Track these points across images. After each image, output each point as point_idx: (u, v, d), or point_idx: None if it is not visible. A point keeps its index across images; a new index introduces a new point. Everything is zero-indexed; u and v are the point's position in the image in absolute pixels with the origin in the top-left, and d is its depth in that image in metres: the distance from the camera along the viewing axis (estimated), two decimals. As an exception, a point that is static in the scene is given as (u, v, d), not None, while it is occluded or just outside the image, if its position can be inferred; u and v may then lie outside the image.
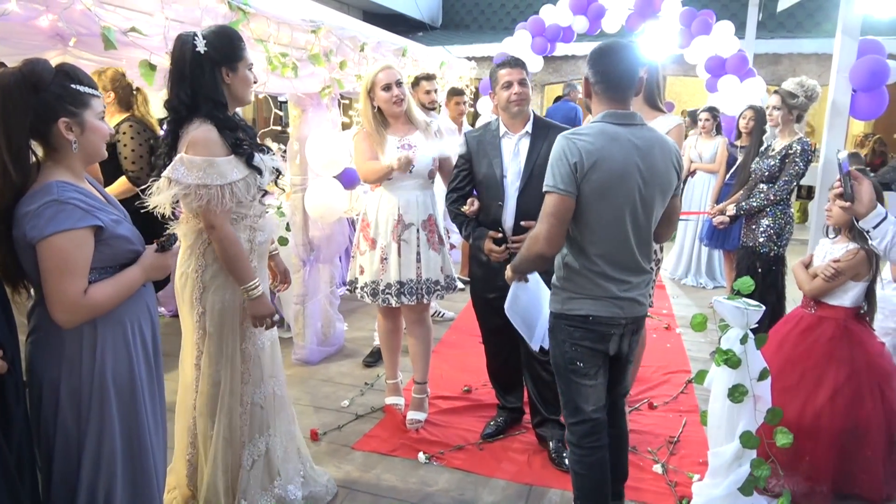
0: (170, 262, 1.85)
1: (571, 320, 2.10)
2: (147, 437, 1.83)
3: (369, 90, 2.98)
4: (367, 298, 3.12)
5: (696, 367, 3.68)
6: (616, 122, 2.02)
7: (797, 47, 8.98)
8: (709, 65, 5.98)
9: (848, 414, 2.53)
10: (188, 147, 1.99)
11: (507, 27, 10.17)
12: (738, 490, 2.41)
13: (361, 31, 3.87)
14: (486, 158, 2.82)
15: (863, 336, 2.63)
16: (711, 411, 2.51)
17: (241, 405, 2.29)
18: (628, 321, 2.12)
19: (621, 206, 2.01)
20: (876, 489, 2.57)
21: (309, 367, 3.94)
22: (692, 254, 6.19)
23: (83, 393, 1.69)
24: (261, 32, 2.94)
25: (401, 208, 3.01)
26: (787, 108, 3.64)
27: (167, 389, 2.09)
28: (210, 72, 2.01)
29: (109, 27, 2.11)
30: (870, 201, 1.98)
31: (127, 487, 1.79)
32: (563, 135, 2.02)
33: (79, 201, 1.62)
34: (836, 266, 2.57)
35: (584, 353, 2.11)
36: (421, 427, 3.18)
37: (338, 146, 3.64)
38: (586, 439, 2.16)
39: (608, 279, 2.06)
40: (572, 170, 1.94)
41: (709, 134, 5.81)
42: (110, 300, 1.68)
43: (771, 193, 3.67)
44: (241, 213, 2.15)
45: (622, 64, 2.02)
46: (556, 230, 1.99)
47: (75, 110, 1.63)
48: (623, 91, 2.03)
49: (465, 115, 5.20)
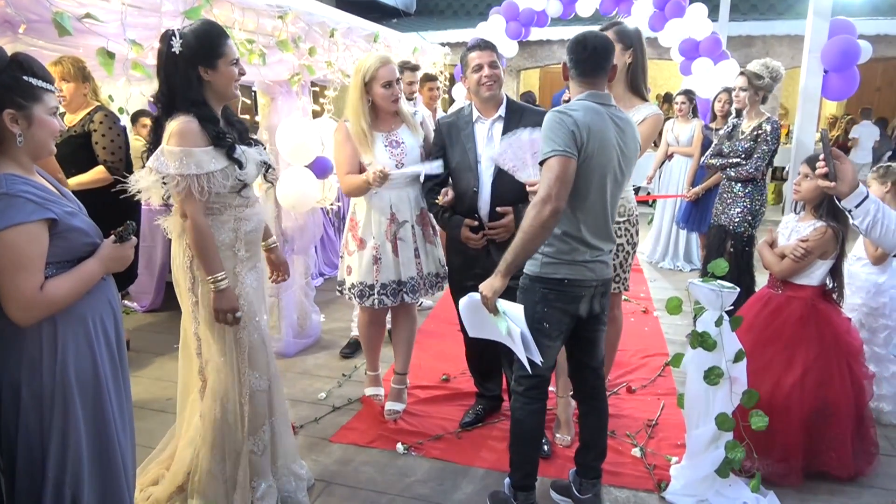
0: (129, 254, 1.79)
1: (547, 283, 2.23)
2: (114, 435, 1.78)
3: (366, 82, 2.84)
4: (355, 300, 3.02)
5: (674, 349, 3.70)
6: (598, 102, 2.18)
7: (770, 29, 9.04)
8: (682, 48, 5.98)
9: (817, 393, 2.55)
10: (168, 138, 2.05)
11: (482, 12, 10.10)
12: (715, 472, 2.43)
13: (331, 17, 3.79)
14: (459, 145, 2.78)
15: (830, 314, 2.65)
16: (688, 394, 2.52)
17: (243, 393, 2.31)
18: (598, 283, 2.28)
19: (605, 177, 2.16)
20: (845, 466, 2.60)
21: (285, 359, 3.88)
22: (669, 237, 6.22)
23: (45, 393, 1.63)
24: (225, 18, 2.85)
25: (393, 206, 2.91)
26: (754, 88, 3.68)
27: (139, 387, 2.04)
28: (184, 71, 2.05)
29: (62, 13, 2.03)
30: (853, 180, 1.96)
31: (95, 487, 1.75)
32: (554, 110, 2.14)
33: (30, 194, 1.56)
34: (804, 245, 2.57)
35: (553, 314, 2.23)
36: (399, 418, 3.15)
37: (309, 135, 3.56)
38: (532, 391, 2.32)
39: (586, 245, 2.20)
40: (572, 135, 2.06)
41: (685, 117, 5.82)
42: (68, 295, 1.63)
43: (743, 171, 3.69)
44: (224, 202, 2.18)
45: (598, 52, 2.19)
46: (565, 189, 2.06)
47: (24, 103, 1.57)
48: (599, 76, 2.21)
49: (438, 101, 5.15)
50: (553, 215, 2.05)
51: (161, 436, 2.59)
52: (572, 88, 2.25)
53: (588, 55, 2.17)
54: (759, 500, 2.43)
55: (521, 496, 2.36)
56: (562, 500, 2.52)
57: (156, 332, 4.37)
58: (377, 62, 2.82)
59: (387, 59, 2.86)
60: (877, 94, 11.34)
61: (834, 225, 2.55)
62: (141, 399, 3.32)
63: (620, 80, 2.80)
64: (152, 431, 2.77)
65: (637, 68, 2.81)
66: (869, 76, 9.16)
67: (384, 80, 2.81)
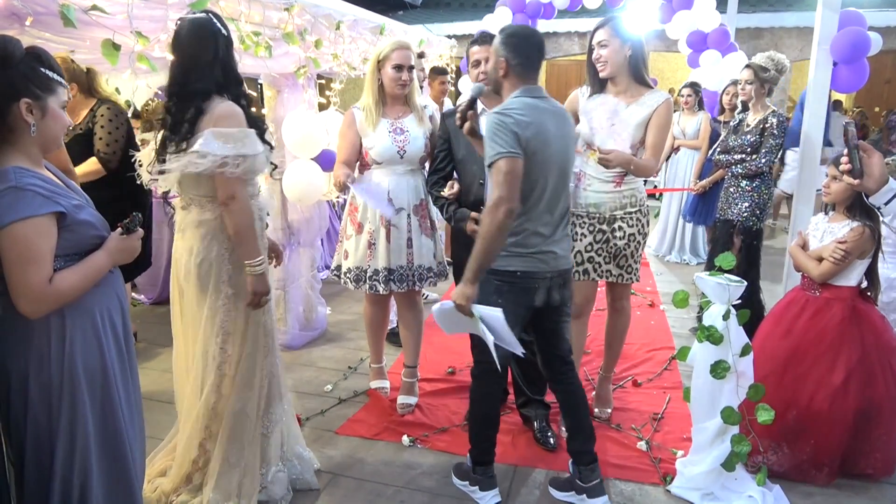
0: (136, 245, 1.79)
1: (501, 275, 2.29)
2: (123, 428, 1.79)
3: (379, 61, 2.91)
4: (350, 284, 3.06)
5: (680, 343, 3.69)
6: (534, 97, 2.26)
7: (778, 21, 8.96)
8: (690, 40, 5.93)
9: (861, 395, 2.51)
10: (217, 121, 2.06)
11: (489, 4, 10.03)
12: (721, 466, 2.42)
13: (337, 9, 3.78)
14: (464, 138, 2.76)
15: (870, 314, 2.61)
16: (694, 387, 2.51)
17: (262, 378, 2.36)
18: (553, 274, 2.33)
19: (549, 169, 2.24)
20: (888, 466, 2.59)
21: (291, 352, 3.90)
22: (676, 231, 6.20)
23: (53, 385, 1.64)
24: (231, 10, 2.85)
25: (391, 193, 2.94)
26: (760, 81, 3.65)
27: (146, 379, 2.05)
28: (231, 55, 2.15)
29: (68, 5, 2.03)
30: (881, 175, 1.80)
31: (103, 479, 1.76)
32: (494, 112, 2.21)
33: (38, 187, 1.56)
34: (844, 247, 2.49)
35: (508, 305, 2.24)
36: (411, 411, 3.16)
37: (315, 127, 3.56)
38: (487, 376, 2.44)
39: (534, 236, 2.28)
40: (515, 136, 2.14)
41: (691, 110, 5.79)
42: (76, 287, 1.63)
43: (753, 166, 3.67)
44: (251, 191, 2.21)
45: (537, 46, 2.29)
46: (515, 188, 2.14)
47: (40, 94, 1.59)
48: (537, 70, 2.31)
49: (447, 95, 5.13)
50: (508, 215, 2.13)
51: (169, 427, 2.60)
52: (508, 84, 2.31)
53: (534, 51, 2.26)
54: (765, 493, 2.42)
55: (479, 469, 2.50)
56: (563, 497, 2.52)
57: (163, 324, 4.35)
58: (393, 44, 2.90)
59: (403, 44, 2.92)
60: (886, 86, 11.24)
61: (870, 224, 2.49)
62: (148, 391, 3.33)
63: (624, 73, 2.79)
64: (160, 423, 2.79)
65: (637, 59, 2.81)
66: (878, 68, 9.08)
67: (395, 62, 2.87)
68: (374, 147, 2.90)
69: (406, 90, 2.94)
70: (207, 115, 2.07)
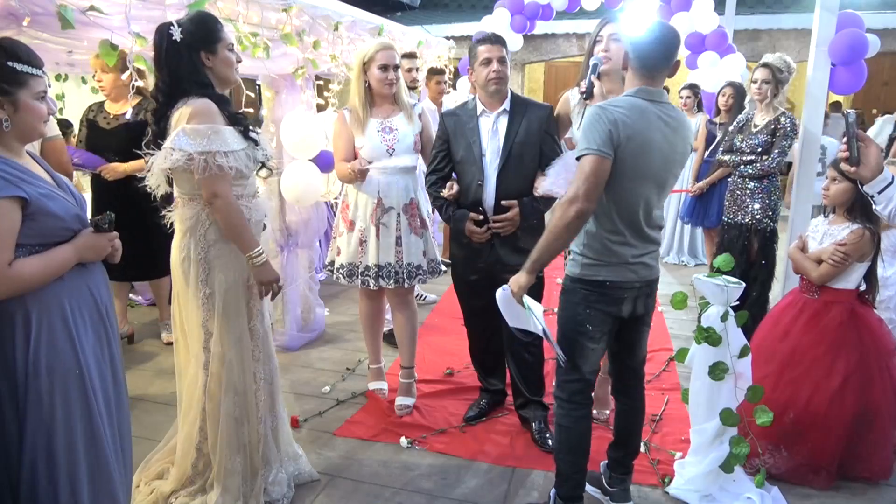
0: (104, 244, 1.76)
1: (588, 285, 2.18)
2: (99, 424, 1.73)
3: (364, 63, 2.93)
4: (343, 280, 3.10)
5: (678, 344, 3.68)
6: (647, 99, 2.08)
7: (776, 23, 8.99)
8: (688, 41, 5.92)
9: (859, 398, 2.51)
10: (189, 118, 2.05)
11: (487, 5, 10.03)
12: (720, 467, 2.42)
13: (335, 10, 3.78)
14: (463, 138, 2.78)
15: (868, 317, 2.61)
16: (692, 389, 2.51)
17: (255, 382, 2.34)
18: (642, 284, 2.22)
19: (645, 178, 2.08)
20: (886, 470, 2.59)
21: (289, 353, 3.89)
22: (674, 232, 6.21)
23: (18, 381, 1.60)
24: (229, 11, 2.85)
25: (381, 192, 2.97)
26: (776, 81, 3.63)
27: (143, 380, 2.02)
28: (189, 57, 2.08)
29: (66, 6, 2.03)
30: (876, 165, 1.87)
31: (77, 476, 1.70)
32: (598, 105, 2.06)
33: (2, 171, 1.54)
34: (843, 250, 2.49)
35: (596, 316, 2.18)
36: (409, 413, 3.15)
37: (313, 128, 3.56)
38: (577, 396, 2.25)
39: (625, 246, 2.14)
40: (609, 134, 1.99)
41: (690, 111, 5.79)
42: (37, 276, 1.60)
43: (764, 166, 3.65)
44: (238, 191, 2.19)
45: (661, 45, 2.07)
46: (596, 189, 2.01)
47: (7, 89, 1.56)
48: (661, 70, 2.10)
49: (444, 95, 5.13)
50: (578, 216, 2.01)
51: (166, 429, 2.59)
52: (627, 80, 2.15)
53: (653, 46, 2.05)
54: (764, 495, 2.42)
55: None
56: (593, 491, 2.51)
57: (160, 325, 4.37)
58: (377, 45, 2.94)
59: (387, 45, 2.95)
60: (884, 88, 11.26)
61: (870, 227, 2.49)
62: (146, 393, 3.33)
63: (619, 72, 2.77)
64: (157, 425, 2.78)
65: None
66: (876, 70, 9.09)
67: (380, 62, 2.90)
68: (364, 146, 2.95)
69: (394, 89, 2.97)
70: (175, 117, 2.09)
